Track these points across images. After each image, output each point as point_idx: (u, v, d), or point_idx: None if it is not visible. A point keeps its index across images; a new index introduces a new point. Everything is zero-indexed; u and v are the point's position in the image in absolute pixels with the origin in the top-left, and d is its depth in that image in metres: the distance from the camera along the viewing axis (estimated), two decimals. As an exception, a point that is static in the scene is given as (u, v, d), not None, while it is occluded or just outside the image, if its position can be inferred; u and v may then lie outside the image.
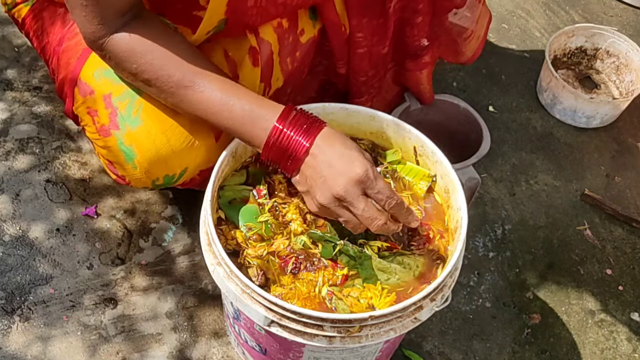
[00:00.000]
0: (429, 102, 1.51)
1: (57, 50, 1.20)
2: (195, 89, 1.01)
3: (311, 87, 1.39)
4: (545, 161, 1.68)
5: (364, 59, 1.31)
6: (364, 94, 1.38)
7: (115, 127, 1.11)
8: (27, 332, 1.29)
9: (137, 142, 1.11)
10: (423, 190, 1.13)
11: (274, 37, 1.16)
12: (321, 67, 1.35)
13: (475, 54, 1.50)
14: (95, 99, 1.13)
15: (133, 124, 1.10)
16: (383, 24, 1.28)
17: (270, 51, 1.16)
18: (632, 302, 1.46)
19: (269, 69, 1.17)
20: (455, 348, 1.36)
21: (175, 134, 1.11)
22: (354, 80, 1.35)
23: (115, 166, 1.16)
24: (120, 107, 1.11)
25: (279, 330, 0.95)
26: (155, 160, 1.12)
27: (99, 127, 1.13)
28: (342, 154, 0.97)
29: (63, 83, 1.19)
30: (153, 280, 1.38)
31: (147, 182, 1.16)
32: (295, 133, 0.98)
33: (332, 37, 1.25)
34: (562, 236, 1.55)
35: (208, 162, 1.16)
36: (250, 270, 1.02)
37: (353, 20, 1.24)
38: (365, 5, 1.23)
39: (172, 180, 1.17)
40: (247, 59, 1.14)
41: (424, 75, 1.44)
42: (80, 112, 1.17)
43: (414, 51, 1.38)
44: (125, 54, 1.01)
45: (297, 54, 1.21)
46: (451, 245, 1.07)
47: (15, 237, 1.41)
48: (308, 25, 1.21)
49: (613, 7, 2.10)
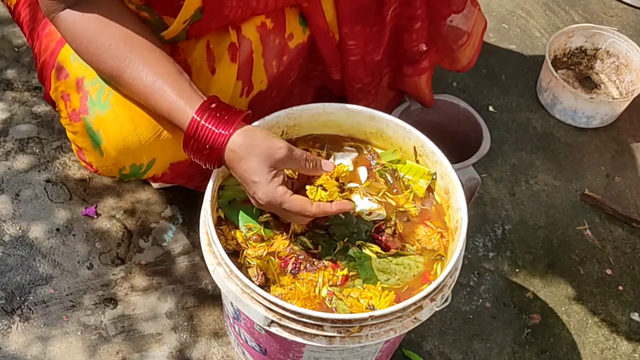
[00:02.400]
0: (429, 105, 1.51)
1: (40, 34, 1.20)
2: (125, 79, 1.02)
3: (307, 94, 1.39)
4: (545, 161, 1.68)
5: (358, 66, 1.30)
6: (360, 100, 1.37)
7: (85, 111, 1.11)
8: (27, 332, 1.29)
9: (104, 127, 1.10)
10: (423, 188, 1.13)
11: (256, 36, 1.15)
12: (316, 73, 1.35)
13: (471, 62, 1.50)
14: (69, 83, 1.13)
15: (102, 108, 1.10)
16: (378, 31, 1.27)
17: (250, 49, 1.15)
18: (632, 302, 1.46)
19: (248, 67, 1.17)
20: (455, 348, 1.36)
21: (143, 122, 1.10)
22: (350, 87, 1.35)
23: (84, 152, 1.15)
24: (91, 91, 1.11)
25: (279, 330, 0.95)
26: (122, 147, 1.11)
27: (70, 111, 1.13)
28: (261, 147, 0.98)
29: (43, 67, 1.19)
30: (153, 280, 1.38)
31: (114, 170, 1.14)
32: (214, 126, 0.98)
33: (320, 43, 1.24)
34: (562, 236, 1.55)
35: (178, 155, 1.14)
36: (250, 270, 1.02)
37: (345, 27, 1.23)
38: (359, 13, 1.22)
39: (139, 170, 1.15)
40: (226, 54, 1.13)
41: (422, 80, 1.44)
42: (56, 97, 1.16)
43: (412, 57, 1.38)
44: (66, 33, 1.03)
45: (284, 57, 1.21)
46: (451, 245, 1.07)
47: (15, 237, 1.41)
48: (297, 30, 1.21)
49: (613, 7, 2.10)
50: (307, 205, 0.98)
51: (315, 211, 0.98)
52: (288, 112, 1.14)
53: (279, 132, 1.16)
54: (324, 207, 0.99)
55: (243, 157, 0.97)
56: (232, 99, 1.17)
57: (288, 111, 1.14)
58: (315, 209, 0.98)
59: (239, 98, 1.18)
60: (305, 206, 0.98)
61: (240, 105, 1.20)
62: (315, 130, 1.19)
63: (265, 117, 1.12)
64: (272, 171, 0.97)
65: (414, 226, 1.10)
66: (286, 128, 1.16)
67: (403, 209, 1.11)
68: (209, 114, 0.98)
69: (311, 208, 0.98)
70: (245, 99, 1.20)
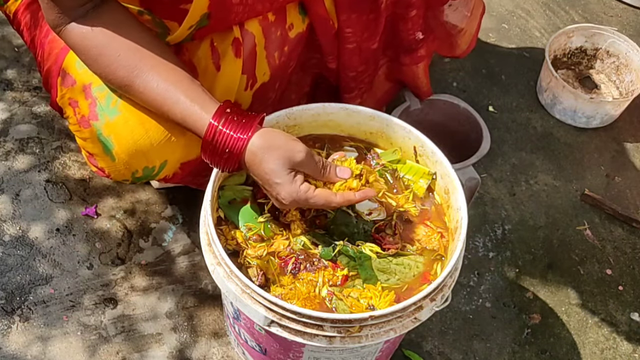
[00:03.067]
0: (427, 96, 1.51)
1: (43, 41, 1.20)
2: (135, 88, 1.02)
3: (305, 82, 1.39)
4: (545, 161, 1.68)
5: (353, 54, 1.31)
6: (353, 90, 1.37)
7: (94, 117, 1.11)
8: (27, 332, 1.29)
9: (115, 133, 1.10)
10: (423, 188, 1.13)
11: (259, 29, 1.15)
12: (314, 61, 1.35)
13: (470, 47, 1.51)
14: (76, 89, 1.13)
15: (111, 114, 1.10)
16: (374, 19, 1.28)
17: (253, 43, 1.15)
18: (632, 302, 1.46)
19: (252, 60, 1.17)
20: (455, 348, 1.36)
21: (153, 125, 1.10)
22: (344, 75, 1.35)
23: (96, 158, 1.16)
24: (99, 97, 1.11)
25: (279, 330, 0.95)
26: (134, 151, 1.11)
27: (79, 118, 1.13)
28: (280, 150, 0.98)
29: (48, 74, 1.19)
30: (153, 280, 1.38)
31: (126, 174, 1.15)
32: (232, 131, 0.98)
33: (320, 32, 1.25)
34: (562, 236, 1.55)
35: (188, 155, 1.15)
36: (250, 270, 1.02)
37: (342, 15, 1.23)
38: (356, 0, 1.23)
39: (151, 173, 1.16)
40: (230, 50, 1.14)
41: (420, 69, 1.44)
42: (64, 104, 1.17)
43: (409, 45, 1.38)
44: (75, 46, 1.03)
45: (285, 48, 1.21)
46: (451, 245, 1.07)
47: (15, 237, 1.41)
48: (297, 20, 1.21)
49: (613, 7, 2.10)
50: (332, 196, 0.99)
51: (340, 201, 1.00)
52: (288, 112, 1.15)
53: (279, 132, 1.16)
54: (348, 196, 1.00)
55: (263, 159, 0.97)
56: (237, 93, 1.17)
57: (288, 111, 1.15)
58: (339, 199, 1.00)
59: (243, 92, 1.19)
60: (329, 198, 0.99)
61: (245, 99, 1.20)
62: (315, 130, 1.19)
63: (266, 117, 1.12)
64: (292, 172, 0.98)
65: (414, 226, 1.10)
66: (286, 128, 1.16)
67: (403, 209, 1.11)
68: (225, 118, 0.99)
69: (336, 199, 0.99)
70: (250, 92, 1.20)
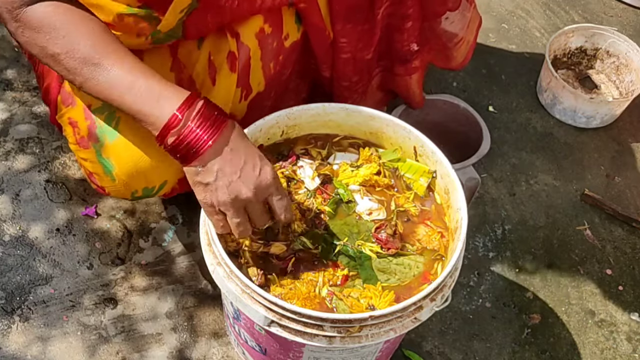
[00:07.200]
0: (419, 106, 1.50)
1: None
2: (102, 66, 0.98)
3: (302, 89, 1.39)
4: (545, 161, 1.68)
5: (347, 64, 1.30)
6: (347, 99, 1.36)
7: (94, 139, 1.12)
8: (27, 332, 1.29)
9: (115, 155, 1.11)
10: (423, 186, 1.13)
11: (255, 42, 1.16)
12: (313, 67, 1.35)
13: (466, 59, 1.49)
14: (76, 110, 1.13)
15: (111, 136, 1.11)
16: (369, 30, 1.27)
17: (248, 56, 1.16)
18: (632, 302, 1.46)
19: (246, 73, 1.17)
20: (455, 348, 1.36)
21: (153, 147, 1.06)
22: (337, 84, 1.34)
23: (95, 177, 1.17)
24: (99, 119, 1.11)
25: (279, 330, 0.95)
26: (134, 173, 1.12)
27: (78, 138, 1.14)
28: (247, 156, 0.97)
29: (48, 90, 1.19)
30: (153, 280, 1.38)
31: (126, 193, 1.16)
32: (200, 126, 0.95)
33: (315, 41, 1.24)
34: (562, 236, 1.55)
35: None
36: (250, 270, 1.02)
37: (337, 25, 1.23)
38: (351, 11, 1.22)
39: (151, 192, 1.17)
40: (225, 64, 1.14)
41: (413, 80, 1.43)
42: (63, 122, 1.17)
43: (404, 56, 1.37)
44: (40, 25, 0.98)
45: (280, 57, 1.21)
46: (451, 245, 1.07)
47: (15, 237, 1.41)
48: (293, 29, 1.21)
49: (613, 7, 2.10)
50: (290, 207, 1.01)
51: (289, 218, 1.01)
52: (288, 112, 1.15)
53: (279, 132, 1.16)
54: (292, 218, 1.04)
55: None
56: (232, 105, 1.17)
57: (288, 111, 1.15)
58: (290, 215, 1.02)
59: (238, 103, 1.19)
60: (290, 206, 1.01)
61: (240, 110, 1.20)
62: (315, 130, 1.19)
63: (266, 117, 1.12)
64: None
65: (414, 226, 1.10)
66: (286, 128, 1.16)
67: (403, 209, 1.12)
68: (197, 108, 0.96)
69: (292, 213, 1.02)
70: (244, 102, 1.20)
